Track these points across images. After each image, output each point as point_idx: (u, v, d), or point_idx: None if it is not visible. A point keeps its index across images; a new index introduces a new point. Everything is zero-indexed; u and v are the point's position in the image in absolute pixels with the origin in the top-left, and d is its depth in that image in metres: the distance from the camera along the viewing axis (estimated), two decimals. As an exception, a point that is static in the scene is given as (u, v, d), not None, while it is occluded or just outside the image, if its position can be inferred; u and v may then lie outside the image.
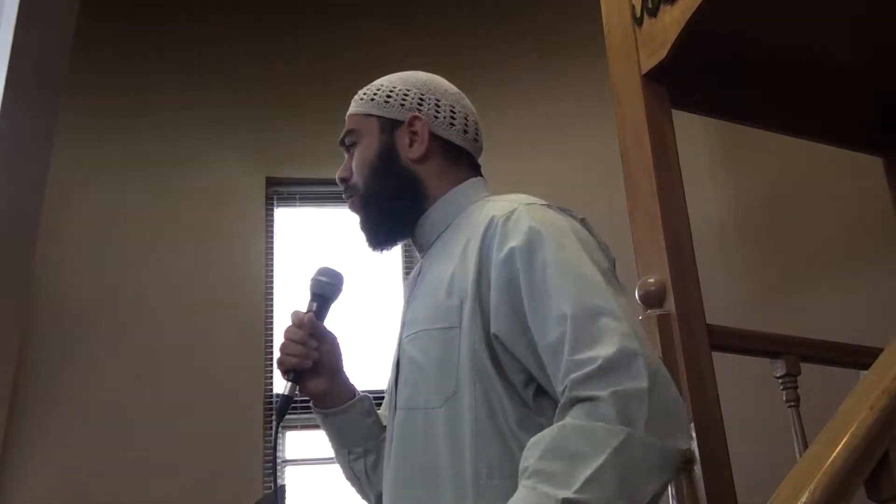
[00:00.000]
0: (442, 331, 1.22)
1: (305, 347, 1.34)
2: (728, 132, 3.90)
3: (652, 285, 2.16)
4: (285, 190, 4.43)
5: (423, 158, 1.36)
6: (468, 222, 1.29)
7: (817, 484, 1.17)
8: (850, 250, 3.74)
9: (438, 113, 1.38)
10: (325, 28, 4.53)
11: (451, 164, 1.38)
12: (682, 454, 1.07)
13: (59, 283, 3.93)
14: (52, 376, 3.79)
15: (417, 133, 1.36)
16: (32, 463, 3.65)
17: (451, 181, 1.37)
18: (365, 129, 1.39)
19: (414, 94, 1.39)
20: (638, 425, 1.01)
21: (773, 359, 2.34)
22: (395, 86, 1.40)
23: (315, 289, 1.39)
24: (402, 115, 1.37)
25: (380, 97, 1.39)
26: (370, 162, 1.37)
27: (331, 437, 1.43)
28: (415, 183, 1.35)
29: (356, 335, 2.41)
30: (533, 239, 1.17)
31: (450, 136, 1.38)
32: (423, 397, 1.22)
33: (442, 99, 1.40)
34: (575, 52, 4.25)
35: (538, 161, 4.29)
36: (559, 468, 1.00)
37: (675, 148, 2.36)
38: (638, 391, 1.02)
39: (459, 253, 1.25)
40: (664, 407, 1.04)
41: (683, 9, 2.28)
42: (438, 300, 1.24)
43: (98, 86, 4.20)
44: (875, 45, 2.55)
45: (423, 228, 1.36)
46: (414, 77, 1.42)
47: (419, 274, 1.37)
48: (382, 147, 1.37)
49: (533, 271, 1.15)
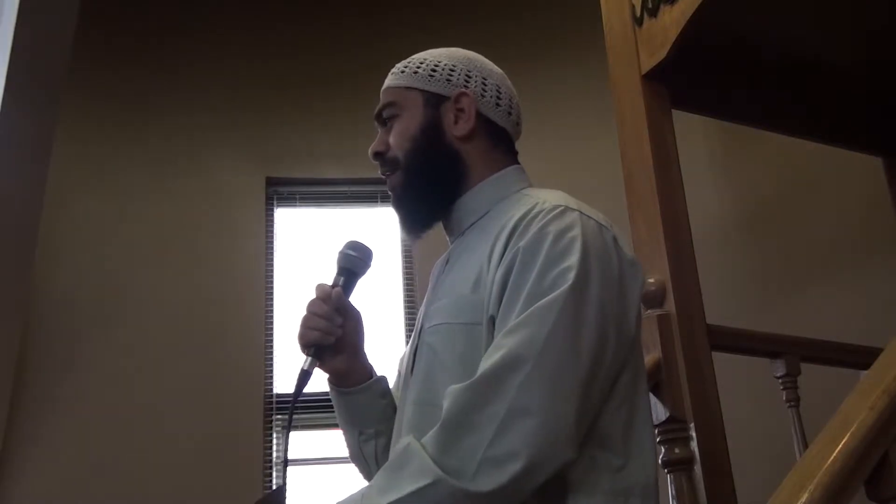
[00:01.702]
0: (466, 326, 1.17)
1: (329, 323, 1.29)
2: (728, 132, 3.90)
3: (652, 285, 2.16)
4: (285, 190, 4.43)
5: (469, 137, 1.30)
6: (503, 215, 1.23)
7: (817, 484, 1.16)
8: (850, 250, 3.74)
9: (485, 91, 1.33)
10: (325, 28, 4.54)
11: (493, 147, 1.32)
12: None
13: (59, 283, 3.93)
14: (52, 376, 3.80)
15: (464, 110, 1.30)
16: (32, 463, 3.65)
17: (492, 166, 1.31)
18: (407, 103, 1.32)
19: (460, 69, 1.33)
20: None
21: (773, 359, 2.34)
22: (440, 60, 1.34)
23: (343, 262, 1.32)
24: (448, 91, 1.31)
25: (423, 70, 1.33)
26: (413, 136, 1.30)
27: (343, 416, 1.38)
28: (458, 162, 1.30)
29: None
30: (537, 245, 1.14)
31: (495, 116, 1.33)
32: (438, 393, 1.14)
33: (489, 78, 1.34)
34: (575, 52, 4.25)
35: (538, 161, 4.27)
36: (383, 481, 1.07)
37: (675, 148, 2.36)
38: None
39: (489, 248, 1.20)
40: None
41: (683, 9, 2.27)
42: (464, 294, 1.20)
43: (98, 86, 4.20)
44: (875, 44, 2.55)
45: (459, 213, 1.31)
46: (459, 53, 1.37)
47: (447, 262, 1.32)
48: (427, 121, 1.31)
49: (519, 281, 1.12)
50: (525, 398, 1.03)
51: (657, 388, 2.09)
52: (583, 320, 1.10)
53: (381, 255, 4.12)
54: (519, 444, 1.02)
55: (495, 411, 1.03)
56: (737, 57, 2.51)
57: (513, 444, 1.02)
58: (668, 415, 2.06)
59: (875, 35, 2.52)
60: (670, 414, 2.06)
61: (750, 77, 2.60)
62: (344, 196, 4.44)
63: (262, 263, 4.23)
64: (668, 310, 2.15)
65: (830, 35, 2.51)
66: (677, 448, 2.04)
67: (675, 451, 2.03)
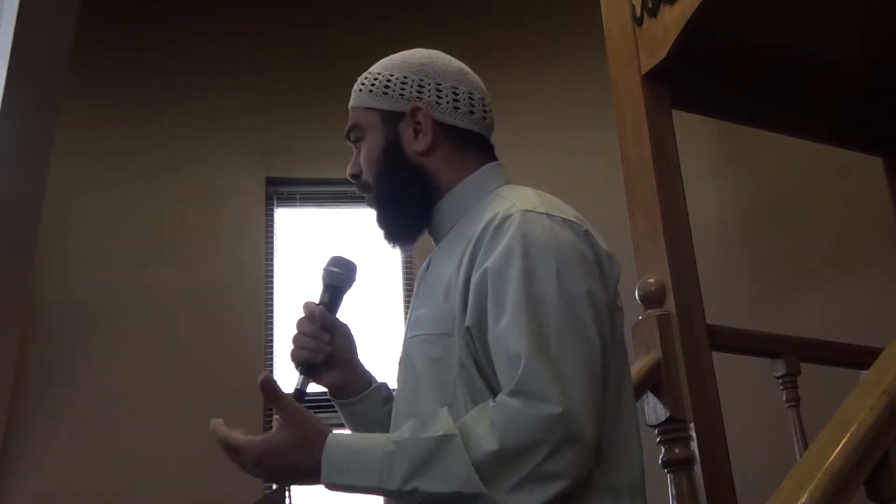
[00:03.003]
0: (439, 337, 1.19)
1: (317, 340, 1.32)
2: (728, 132, 3.90)
3: (652, 285, 2.16)
4: (285, 190, 4.43)
5: (430, 150, 1.30)
6: (475, 219, 1.24)
7: (817, 484, 1.16)
8: (850, 250, 3.74)
9: (440, 98, 1.31)
10: (325, 28, 4.53)
11: (460, 152, 1.32)
12: None
13: (59, 283, 3.93)
14: (51, 376, 3.79)
15: (421, 123, 1.30)
16: (32, 463, 3.65)
17: (462, 170, 1.31)
18: (367, 124, 1.34)
19: (412, 80, 1.32)
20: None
21: (773, 359, 2.34)
22: (392, 73, 1.34)
23: (327, 279, 1.35)
24: (402, 106, 1.31)
25: (378, 88, 1.33)
26: (377, 159, 1.32)
27: (348, 425, 1.41)
28: (424, 177, 1.30)
29: (356, 335, 2.39)
30: (508, 259, 1.14)
31: (455, 120, 1.32)
32: (414, 405, 1.20)
33: (442, 82, 1.33)
34: (574, 52, 4.25)
35: (538, 161, 4.28)
36: None
37: (675, 148, 2.36)
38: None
39: (459, 256, 1.21)
40: None
41: (683, 9, 2.27)
42: (438, 303, 1.21)
43: (98, 86, 4.20)
44: (875, 44, 2.55)
45: (436, 222, 1.33)
46: (411, 60, 1.36)
47: (427, 267, 1.34)
48: (387, 143, 1.31)
49: (498, 295, 1.13)
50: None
51: (657, 388, 2.09)
52: (582, 323, 1.12)
53: (380, 255, 4.13)
54: (563, 467, 1.04)
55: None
56: (737, 57, 2.51)
57: (559, 466, 1.04)
58: (668, 415, 2.06)
59: (874, 35, 2.52)
60: (670, 414, 2.05)
61: (750, 77, 2.60)
62: (344, 196, 4.43)
63: (262, 263, 4.23)
64: (668, 310, 2.14)
65: (830, 35, 2.51)
66: (677, 448, 2.03)
67: (675, 451, 2.03)
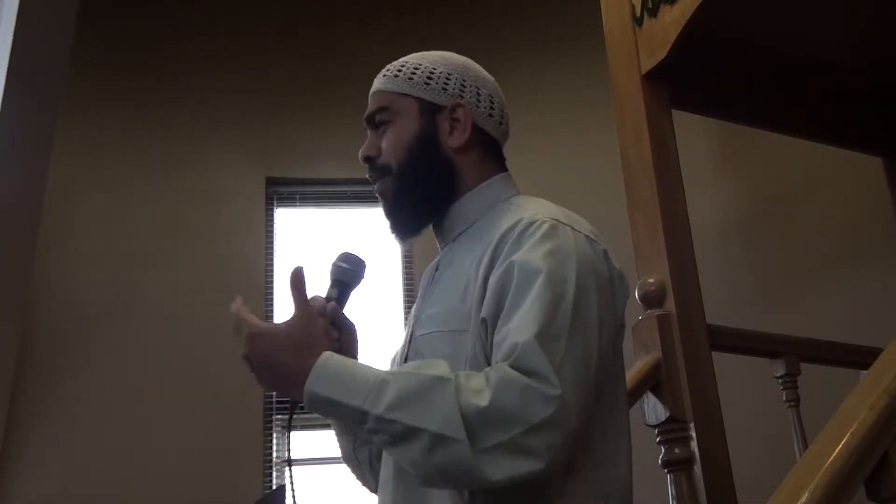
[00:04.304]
0: (452, 333, 1.21)
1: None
2: (728, 132, 3.90)
3: (652, 285, 2.16)
4: (285, 190, 4.43)
5: (463, 148, 1.31)
6: (493, 224, 1.25)
7: (817, 484, 1.16)
8: (851, 250, 3.74)
9: (480, 102, 1.34)
10: (325, 28, 4.53)
11: (485, 157, 1.34)
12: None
13: (59, 283, 3.93)
14: (51, 376, 3.79)
15: (459, 121, 1.31)
16: (32, 463, 3.65)
17: (482, 175, 1.33)
18: (402, 109, 1.32)
19: (456, 78, 1.34)
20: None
21: (773, 359, 2.35)
22: (435, 67, 1.34)
23: (336, 275, 1.33)
24: (443, 100, 1.32)
25: (419, 77, 1.33)
26: (408, 144, 1.31)
27: (339, 424, 1.39)
28: (451, 172, 1.31)
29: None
30: (534, 258, 1.15)
31: (488, 126, 1.34)
32: None
33: (482, 87, 1.35)
34: (574, 52, 4.25)
35: (538, 161, 4.29)
36: None
37: (675, 148, 2.36)
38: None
39: (478, 258, 1.22)
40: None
41: (683, 9, 2.28)
42: (453, 303, 1.23)
43: (98, 86, 4.20)
44: (875, 44, 2.55)
45: (450, 220, 1.32)
46: (455, 60, 1.37)
47: (437, 269, 1.34)
48: (422, 131, 1.31)
49: (520, 288, 1.13)
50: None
51: (657, 388, 2.09)
52: (587, 336, 1.13)
53: (380, 255, 4.13)
54: (543, 447, 1.04)
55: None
56: (737, 57, 2.52)
57: (540, 443, 1.04)
58: (668, 415, 2.06)
59: (874, 35, 2.52)
60: (670, 414, 2.05)
61: (750, 77, 2.60)
62: (344, 196, 4.43)
63: (262, 263, 4.23)
64: (668, 310, 2.15)
65: (830, 35, 2.51)
66: (677, 448, 2.04)
67: (675, 451, 2.03)
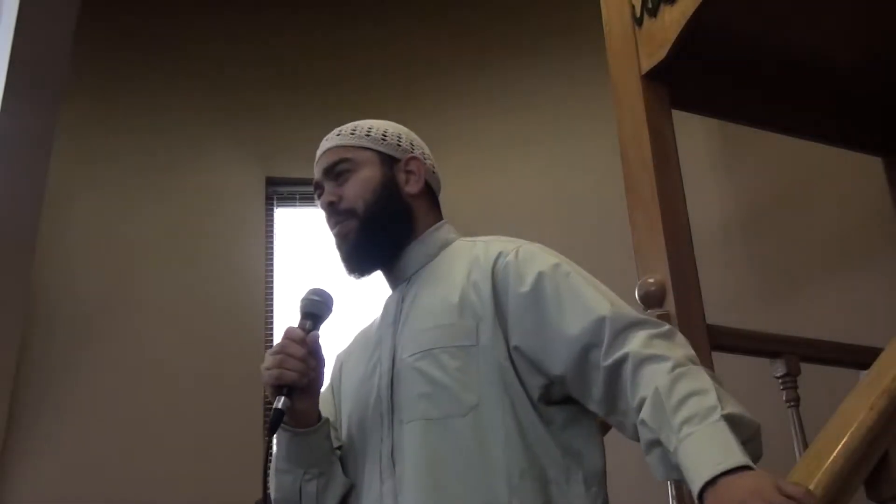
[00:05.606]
0: (460, 348, 1.33)
1: (305, 365, 1.35)
2: (728, 132, 3.90)
3: (652, 285, 2.16)
4: (285, 190, 4.42)
5: (418, 195, 1.49)
6: (459, 256, 1.44)
7: (817, 484, 1.16)
8: (850, 250, 3.73)
9: (426, 159, 1.54)
10: (325, 29, 4.53)
11: (432, 205, 1.53)
12: None
13: (58, 284, 3.93)
14: (51, 377, 3.79)
15: (414, 172, 1.50)
16: (32, 463, 3.65)
17: (431, 220, 1.51)
18: (363, 160, 1.48)
19: (405, 138, 1.54)
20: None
21: (773, 359, 2.34)
22: (386, 128, 1.53)
23: (308, 308, 1.40)
24: (398, 154, 1.50)
25: (374, 135, 1.51)
26: (374, 189, 1.46)
27: (289, 455, 1.42)
28: (410, 216, 1.48)
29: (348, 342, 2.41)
30: (555, 266, 1.35)
31: (432, 180, 1.54)
32: (444, 408, 1.31)
33: (425, 149, 1.56)
34: (574, 52, 4.25)
35: (538, 161, 4.29)
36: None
37: (675, 148, 2.36)
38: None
39: (462, 281, 1.38)
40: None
41: (683, 9, 2.28)
42: (451, 322, 1.35)
43: (98, 86, 4.20)
44: (875, 44, 2.55)
45: (405, 260, 1.47)
46: (397, 125, 1.56)
47: (402, 300, 1.44)
48: (385, 178, 1.48)
49: (561, 288, 1.32)
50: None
51: (657, 388, 2.08)
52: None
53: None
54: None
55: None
56: (737, 57, 2.51)
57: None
58: (668, 415, 2.05)
59: (875, 35, 2.52)
60: (670, 414, 2.05)
61: (750, 77, 2.60)
62: (344, 196, 4.43)
63: (262, 263, 4.23)
64: (668, 310, 2.15)
65: (830, 35, 2.51)
66: (677, 448, 2.03)
67: (675, 452, 2.03)
